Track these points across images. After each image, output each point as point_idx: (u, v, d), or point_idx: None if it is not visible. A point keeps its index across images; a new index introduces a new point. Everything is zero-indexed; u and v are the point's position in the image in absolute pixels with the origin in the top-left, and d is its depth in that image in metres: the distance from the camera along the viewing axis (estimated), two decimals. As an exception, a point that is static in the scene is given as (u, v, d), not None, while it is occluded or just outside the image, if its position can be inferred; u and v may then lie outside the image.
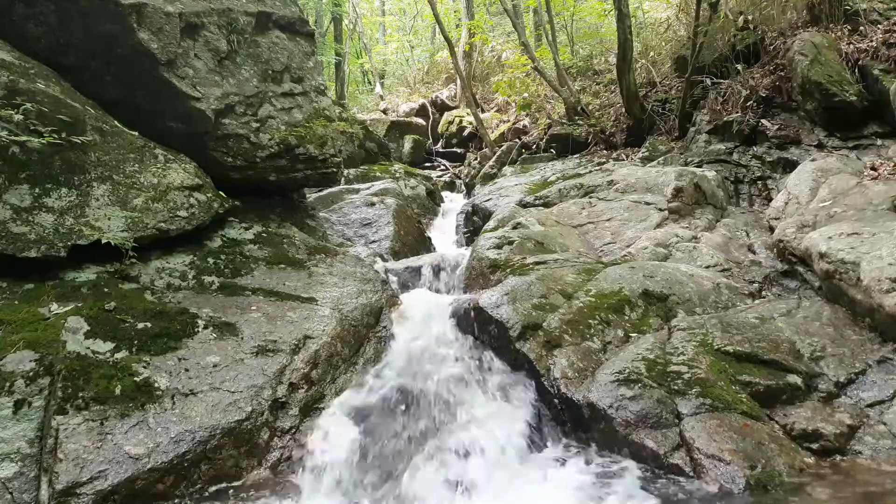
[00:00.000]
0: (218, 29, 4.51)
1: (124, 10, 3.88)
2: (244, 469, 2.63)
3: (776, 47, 6.84)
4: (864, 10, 6.35)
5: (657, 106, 8.68)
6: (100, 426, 2.44)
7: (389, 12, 23.28)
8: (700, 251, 4.64)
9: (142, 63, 4.03)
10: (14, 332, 2.75)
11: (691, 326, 3.44)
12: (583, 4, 13.35)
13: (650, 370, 3.03)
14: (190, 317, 3.17)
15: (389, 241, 5.56)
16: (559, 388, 3.09)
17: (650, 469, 2.66)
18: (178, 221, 3.76)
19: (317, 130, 5.11)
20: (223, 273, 3.79)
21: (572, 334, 3.40)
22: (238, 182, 4.62)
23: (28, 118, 3.25)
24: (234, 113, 4.51)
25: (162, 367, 2.80)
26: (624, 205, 5.65)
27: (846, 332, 3.47)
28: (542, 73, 10.69)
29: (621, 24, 8.38)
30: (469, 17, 15.62)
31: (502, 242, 4.82)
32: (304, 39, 5.40)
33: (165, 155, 4.01)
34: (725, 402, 2.83)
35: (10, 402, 2.47)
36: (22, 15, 3.92)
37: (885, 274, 3.29)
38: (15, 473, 2.28)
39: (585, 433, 2.97)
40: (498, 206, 6.56)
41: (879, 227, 3.80)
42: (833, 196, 4.78)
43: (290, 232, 4.65)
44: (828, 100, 5.87)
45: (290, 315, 3.41)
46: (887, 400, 3.01)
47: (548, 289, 3.76)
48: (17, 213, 3.18)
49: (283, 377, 2.97)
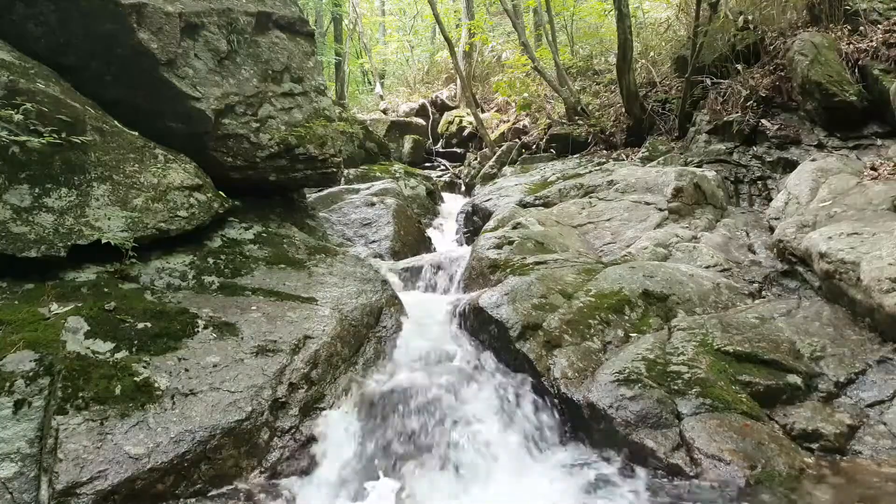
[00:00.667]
0: (218, 29, 4.51)
1: (124, 10, 3.88)
2: (244, 469, 2.63)
3: (776, 47, 6.85)
4: (864, 10, 6.35)
5: (657, 106, 8.68)
6: (100, 426, 2.44)
7: (389, 12, 23.27)
8: (700, 251, 4.64)
9: (142, 63, 4.03)
10: (14, 332, 2.74)
11: (691, 326, 3.44)
12: (583, 4, 13.35)
13: (650, 370, 3.03)
14: (190, 317, 3.16)
15: (389, 240, 5.56)
16: (559, 388, 3.09)
17: (650, 469, 2.66)
18: (178, 221, 3.76)
19: (317, 130, 5.11)
20: (223, 273, 3.79)
21: (572, 334, 3.40)
22: (238, 182, 4.62)
23: (28, 118, 3.25)
24: (234, 113, 4.52)
25: (162, 367, 2.80)
26: (624, 205, 5.65)
27: (846, 332, 3.47)
28: (542, 73, 10.69)
29: (621, 24, 8.38)
30: (469, 17, 15.61)
31: (502, 242, 4.82)
32: (304, 39, 5.40)
33: (165, 155, 4.01)
34: (725, 402, 2.83)
35: (10, 402, 2.46)
36: (22, 15, 3.92)
37: (885, 274, 3.29)
38: (15, 473, 2.28)
39: (585, 433, 2.97)
40: (498, 206, 6.56)
41: (879, 227, 3.80)
42: (833, 196, 4.78)
43: (290, 232, 4.65)
44: (828, 100, 5.88)
45: (290, 315, 3.41)
46: (887, 400, 3.01)
47: (548, 289, 3.76)
48: (17, 213, 3.18)
49: (283, 377, 2.97)
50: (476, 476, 2.74)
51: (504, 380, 3.31)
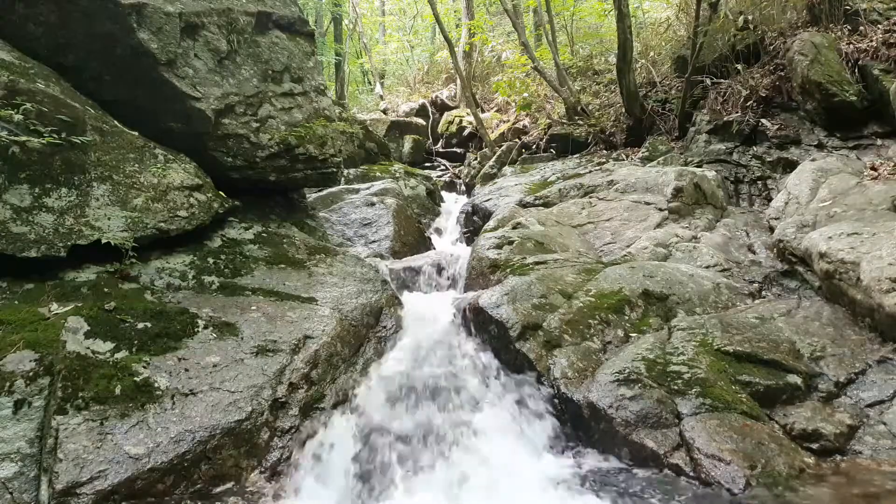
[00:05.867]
0: (218, 29, 4.50)
1: (124, 10, 3.88)
2: (244, 469, 2.63)
3: (776, 47, 6.85)
4: (864, 10, 6.35)
5: (657, 106, 8.68)
6: (100, 426, 2.44)
7: (389, 12, 23.26)
8: (700, 251, 4.64)
9: (142, 63, 4.03)
10: (14, 332, 2.74)
11: (691, 326, 3.44)
12: (583, 4, 13.36)
13: (650, 370, 3.03)
14: (190, 317, 3.16)
15: (389, 240, 5.56)
16: (559, 388, 3.09)
17: (650, 469, 2.66)
18: (178, 221, 3.76)
19: (317, 130, 5.11)
20: (223, 273, 3.79)
21: (572, 334, 3.40)
22: (238, 182, 4.62)
23: (28, 118, 3.25)
24: (234, 113, 4.51)
25: (162, 367, 2.80)
26: (624, 205, 5.65)
27: (846, 332, 3.47)
28: (542, 73, 10.69)
29: (621, 24, 8.38)
30: (469, 17, 15.60)
31: (502, 242, 4.82)
32: (304, 39, 5.40)
33: (165, 155, 4.02)
34: (725, 402, 2.83)
35: (10, 402, 2.46)
36: (22, 15, 3.92)
37: (885, 274, 3.29)
38: (15, 473, 2.28)
39: (585, 433, 2.97)
40: (498, 205, 6.56)
41: (879, 227, 3.80)
42: (833, 196, 4.78)
43: (290, 232, 4.65)
44: (828, 100, 5.88)
45: (290, 315, 3.41)
46: (887, 400, 3.01)
47: (548, 289, 3.76)
48: (17, 213, 3.18)
49: (283, 377, 2.97)
50: (475, 476, 2.74)
51: (504, 380, 3.31)
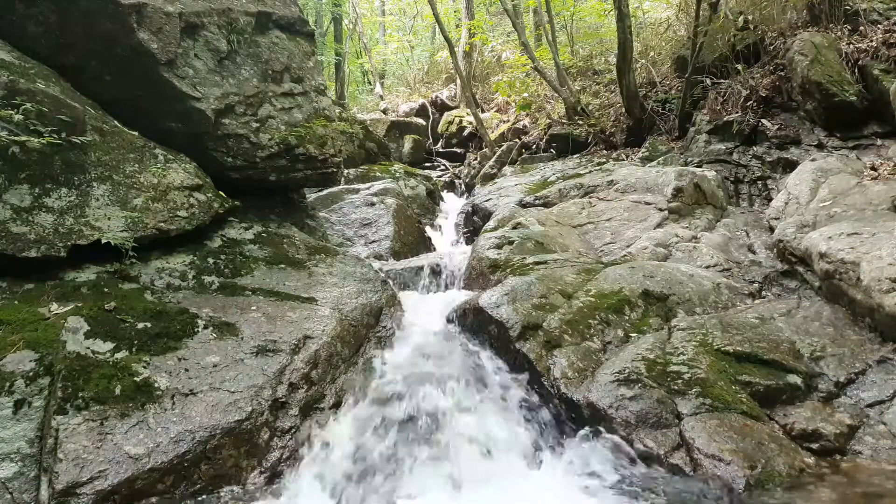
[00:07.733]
0: (218, 29, 4.51)
1: (124, 10, 3.88)
2: (244, 469, 2.63)
3: (776, 47, 6.85)
4: (864, 10, 6.35)
5: (657, 106, 8.68)
6: (100, 426, 2.44)
7: (389, 12, 23.25)
8: (700, 251, 4.64)
9: (142, 63, 4.03)
10: (14, 332, 2.74)
11: (691, 326, 3.44)
12: (583, 4, 13.35)
13: (650, 370, 3.03)
14: (190, 317, 3.16)
15: (389, 241, 5.56)
16: (559, 388, 3.09)
17: (650, 469, 2.66)
18: (178, 221, 3.76)
19: (317, 130, 5.11)
20: (223, 273, 3.79)
21: (572, 334, 3.39)
22: (238, 182, 4.62)
23: (28, 118, 3.25)
24: (234, 113, 4.52)
25: (162, 367, 2.80)
26: (624, 205, 5.65)
27: (846, 332, 3.47)
28: (542, 73, 10.69)
29: (621, 24, 8.38)
30: (469, 17, 15.60)
31: (502, 242, 4.82)
32: (304, 39, 5.41)
33: (165, 155, 4.02)
34: (725, 402, 2.83)
35: (10, 402, 2.46)
36: (22, 15, 3.92)
37: (885, 274, 3.29)
38: (15, 473, 2.28)
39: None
40: (498, 206, 6.56)
41: (879, 227, 3.80)
42: (833, 196, 4.78)
43: (290, 232, 4.65)
44: (828, 100, 5.88)
45: (290, 315, 3.41)
46: (887, 400, 3.01)
47: (548, 289, 3.76)
48: (17, 213, 3.18)
49: (283, 377, 2.97)
50: (474, 476, 2.74)
51: (504, 380, 3.31)
